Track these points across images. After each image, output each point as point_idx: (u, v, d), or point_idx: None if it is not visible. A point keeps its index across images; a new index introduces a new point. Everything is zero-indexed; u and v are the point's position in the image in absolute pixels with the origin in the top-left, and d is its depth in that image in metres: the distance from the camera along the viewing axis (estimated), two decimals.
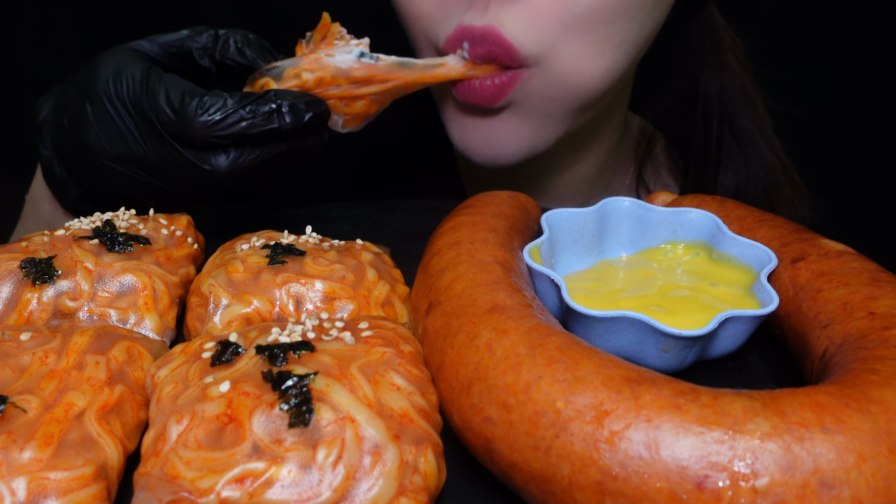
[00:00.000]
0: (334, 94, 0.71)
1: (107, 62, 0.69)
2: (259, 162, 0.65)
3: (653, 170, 1.13)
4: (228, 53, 0.74)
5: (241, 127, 0.63)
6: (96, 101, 0.67)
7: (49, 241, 0.59)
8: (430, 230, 0.65)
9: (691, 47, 1.05)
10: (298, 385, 0.43)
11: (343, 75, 0.71)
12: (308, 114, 0.65)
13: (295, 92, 0.67)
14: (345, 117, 0.73)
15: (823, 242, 0.57)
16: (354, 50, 0.72)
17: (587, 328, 0.53)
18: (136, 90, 0.65)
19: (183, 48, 0.74)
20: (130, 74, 0.66)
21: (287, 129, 0.65)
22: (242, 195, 0.69)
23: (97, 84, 0.67)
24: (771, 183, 1.07)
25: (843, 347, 0.47)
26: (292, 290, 0.56)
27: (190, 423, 0.42)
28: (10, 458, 0.40)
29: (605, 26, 0.80)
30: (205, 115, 0.63)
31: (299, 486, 0.39)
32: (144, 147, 0.66)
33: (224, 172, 0.65)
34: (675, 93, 1.10)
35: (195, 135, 0.63)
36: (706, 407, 0.39)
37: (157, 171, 0.67)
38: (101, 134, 0.67)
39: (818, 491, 0.36)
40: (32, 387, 0.45)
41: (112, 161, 0.68)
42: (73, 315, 0.56)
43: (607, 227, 0.66)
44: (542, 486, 0.41)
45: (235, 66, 0.74)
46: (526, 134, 0.86)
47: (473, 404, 0.45)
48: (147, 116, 0.65)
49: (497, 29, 0.77)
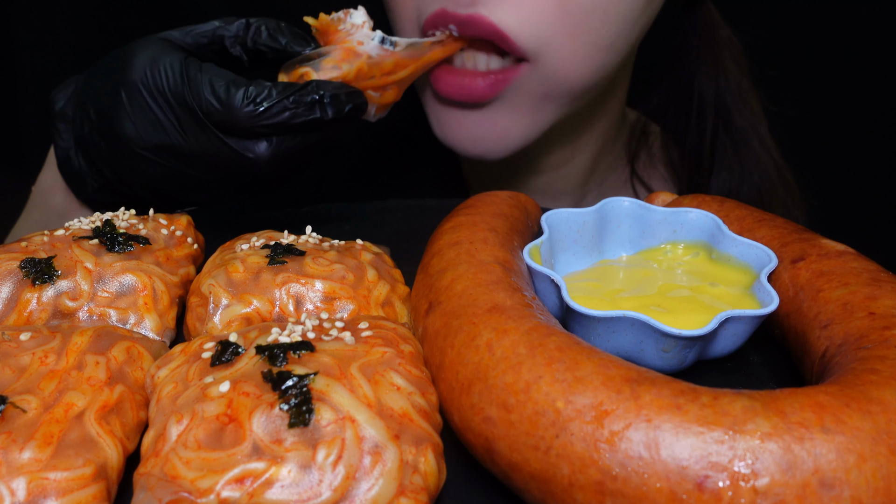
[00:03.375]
0: (370, 83, 0.72)
1: (142, 51, 0.69)
2: (298, 149, 0.67)
3: (649, 163, 1.13)
4: (262, 39, 0.74)
5: (284, 116, 0.64)
6: (132, 89, 0.68)
7: (49, 241, 0.59)
8: (430, 230, 0.65)
9: (687, 45, 1.06)
10: (298, 385, 0.43)
11: (376, 65, 0.72)
12: (349, 105, 0.67)
13: (336, 83, 0.68)
14: (377, 106, 0.74)
15: (823, 242, 0.57)
16: (376, 36, 0.73)
17: (587, 328, 0.53)
18: (177, 80, 0.66)
19: (215, 37, 0.75)
20: (169, 64, 0.67)
21: (329, 121, 0.66)
22: (278, 182, 0.71)
23: (133, 73, 0.68)
24: (765, 183, 1.08)
25: (843, 347, 0.47)
26: (292, 290, 0.56)
27: (190, 423, 0.42)
28: (10, 458, 0.40)
29: (598, 26, 0.80)
30: (251, 104, 0.64)
31: (299, 486, 0.39)
32: (184, 136, 0.67)
33: (265, 160, 0.66)
34: (670, 90, 1.11)
35: (241, 124, 0.64)
36: (706, 407, 0.39)
37: (195, 159, 0.68)
38: (136, 123, 0.68)
39: (818, 491, 0.36)
40: (32, 387, 0.45)
41: (146, 150, 0.68)
42: (73, 315, 0.56)
43: (607, 227, 0.66)
44: (542, 486, 0.41)
45: (269, 52, 0.75)
46: (515, 130, 0.86)
47: (473, 404, 0.45)
48: (189, 106, 0.65)
49: (484, 16, 0.78)
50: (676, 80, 1.09)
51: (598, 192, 1.09)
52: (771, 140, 1.10)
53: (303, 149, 0.67)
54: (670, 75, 1.10)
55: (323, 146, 0.69)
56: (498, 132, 0.86)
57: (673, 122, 1.12)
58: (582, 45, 0.81)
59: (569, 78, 0.83)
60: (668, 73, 1.10)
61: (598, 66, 0.84)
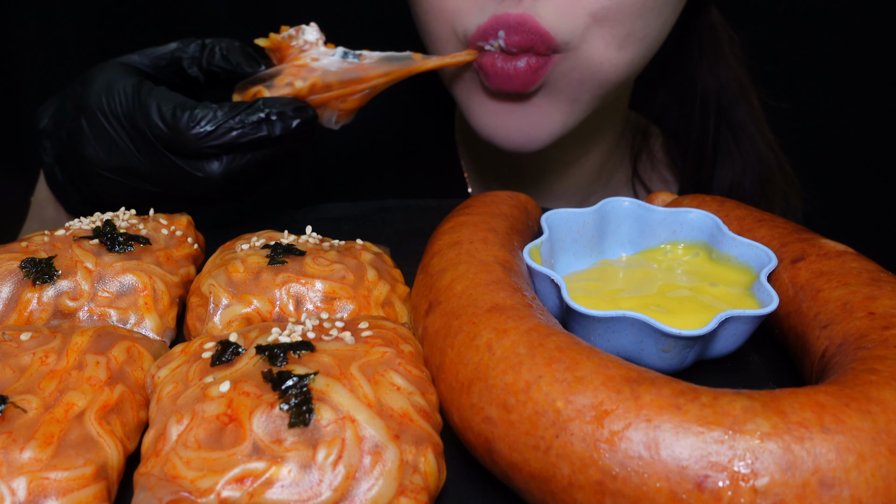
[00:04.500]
0: (327, 96, 0.73)
1: (98, 77, 0.71)
2: (250, 166, 0.69)
3: (650, 165, 1.14)
4: (215, 61, 0.76)
5: (231, 137, 0.67)
6: (90, 115, 0.70)
7: (49, 241, 0.59)
8: (430, 230, 0.65)
9: (689, 44, 1.07)
10: (298, 385, 0.43)
11: (336, 79, 0.73)
12: (296, 120, 0.68)
13: (284, 98, 0.69)
14: (338, 113, 0.75)
15: (823, 242, 0.57)
16: (338, 51, 0.74)
17: (587, 328, 0.53)
18: (130, 104, 0.68)
19: (173, 59, 0.77)
20: (122, 89, 0.69)
21: (278, 137, 0.68)
22: (234, 196, 0.73)
23: (90, 99, 0.70)
24: (766, 174, 1.09)
25: (843, 347, 0.47)
26: (292, 289, 0.56)
27: (190, 423, 0.42)
28: (10, 458, 0.40)
29: (632, 20, 0.82)
30: (196, 127, 0.66)
31: (299, 486, 0.39)
32: (140, 158, 0.69)
33: (217, 178, 0.68)
34: (671, 88, 1.12)
35: (188, 146, 0.66)
36: (706, 407, 0.39)
37: (153, 179, 0.70)
38: (97, 147, 0.70)
39: (818, 491, 0.36)
40: (32, 387, 0.45)
41: (109, 172, 0.70)
42: (73, 315, 0.56)
43: (607, 227, 0.66)
44: (542, 486, 0.41)
45: (222, 73, 0.77)
46: (557, 117, 0.88)
47: (473, 404, 0.45)
48: (141, 129, 0.68)
49: (532, 17, 0.79)
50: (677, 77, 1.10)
51: (603, 193, 1.10)
52: (770, 133, 1.12)
53: (255, 165, 0.69)
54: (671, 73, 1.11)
55: (277, 160, 0.71)
56: (539, 121, 0.88)
57: (675, 120, 1.13)
58: (615, 35, 0.83)
59: (602, 67, 0.84)
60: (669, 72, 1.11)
61: (630, 59, 0.86)
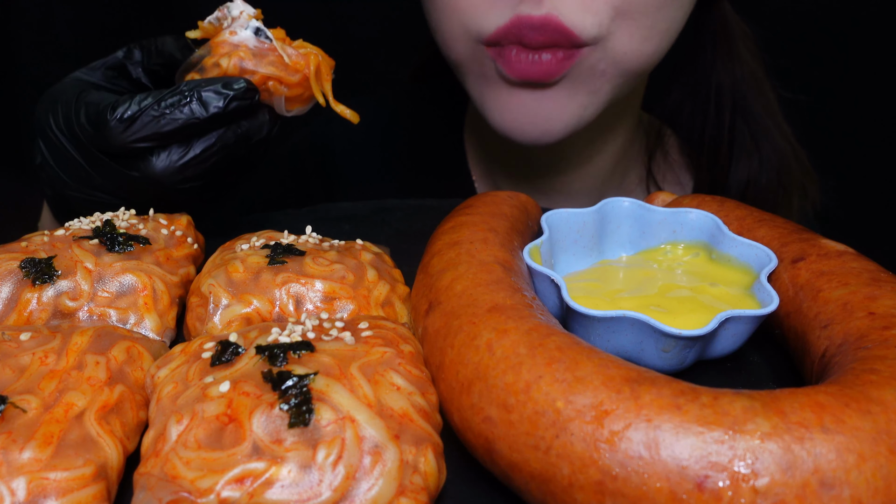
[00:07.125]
0: (263, 73, 0.67)
1: (46, 97, 0.69)
2: (191, 157, 0.63)
3: (665, 166, 1.14)
4: (153, 60, 0.73)
5: (155, 126, 0.61)
6: (44, 136, 0.68)
7: (49, 241, 0.59)
8: (430, 230, 0.65)
9: (703, 40, 1.07)
10: (298, 385, 0.43)
11: (249, 52, 0.67)
12: (222, 97, 0.62)
13: (213, 79, 0.64)
14: (285, 99, 0.69)
15: (823, 242, 0.57)
16: (250, 25, 0.68)
17: (587, 328, 0.53)
18: (68, 114, 0.65)
19: (120, 67, 0.74)
20: (65, 102, 0.66)
21: (207, 118, 0.62)
22: (190, 193, 0.66)
23: (40, 120, 0.68)
24: (783, 167, 1.09)
25: (843, 347, 0.47)
26: (292, 290, 0.56)
27: (190, 423, 0.42)
28: (10, 458, 0.40)
29: (654, 12, 0.83)
30: (115, 119, 0.61)
31: (299, 486, 0.39)
32: (88, 169, 0.65)
33: (158, 175, 0.63)
34: (685, 85, 1.12)
35: (115, 142, 0.62)
36: (706, 407, 0.39)
37: (105, 188, 0.66)
38: (55, 165, 0.67)
39: (818, 491, 0.36)
40: (32, 387, 0.45)
41: (73, 190, 0.67)
42: (73, 315, 0.56)
43: (607, 227, 0.66)
44: (542, 486, 0.41)
45: (161, 70, 0.73)
46: (574, 110, 0.88)
47: (473, 404, 0.45)
48: (78, 136, 0.64)
49: (556, 17, 0.79)
50: (692, 74, 1.11)
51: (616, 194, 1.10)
52: (786, 126, 1.11)
53: (198, 155, 0.63)
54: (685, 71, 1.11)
55: (225, 147, 0.64)
56: (556, 114, 0.87)
57: (690, 117, 1.13)
58: (637, 27, 0.83)
59: (627, 58, 0.85)
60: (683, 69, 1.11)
61: (653, 50, 0.86)
